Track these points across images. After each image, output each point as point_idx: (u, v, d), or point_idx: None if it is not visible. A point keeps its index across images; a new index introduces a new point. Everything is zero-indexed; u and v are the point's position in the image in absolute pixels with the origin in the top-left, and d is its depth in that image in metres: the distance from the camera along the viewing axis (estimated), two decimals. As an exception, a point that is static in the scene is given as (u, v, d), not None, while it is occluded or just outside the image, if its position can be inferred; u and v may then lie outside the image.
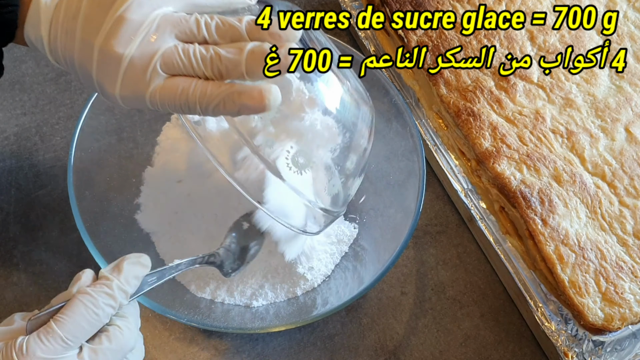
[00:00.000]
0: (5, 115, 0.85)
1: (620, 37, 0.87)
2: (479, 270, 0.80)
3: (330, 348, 0.74)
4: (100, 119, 0.74)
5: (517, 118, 0.80)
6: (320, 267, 0.74)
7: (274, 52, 0.49)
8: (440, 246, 0.81)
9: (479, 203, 0.79)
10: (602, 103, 0.82)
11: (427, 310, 0.77)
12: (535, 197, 0.74)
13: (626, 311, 0.70)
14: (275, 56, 0.50)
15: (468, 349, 0.75)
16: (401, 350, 0.74)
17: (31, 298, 0.73)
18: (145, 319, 0.73)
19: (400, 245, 0.67)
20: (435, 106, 0.84)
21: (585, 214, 0.75)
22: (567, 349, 0.70)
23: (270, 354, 0.73)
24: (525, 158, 0.77)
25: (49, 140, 0.84)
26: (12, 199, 0.79)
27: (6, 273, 0.75)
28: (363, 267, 0.74)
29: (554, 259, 0.71)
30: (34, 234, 0.77)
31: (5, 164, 0.82)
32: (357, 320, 0.76)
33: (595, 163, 0.78)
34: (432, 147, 0.84)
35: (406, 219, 0.71)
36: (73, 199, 0.66)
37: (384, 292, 0.78)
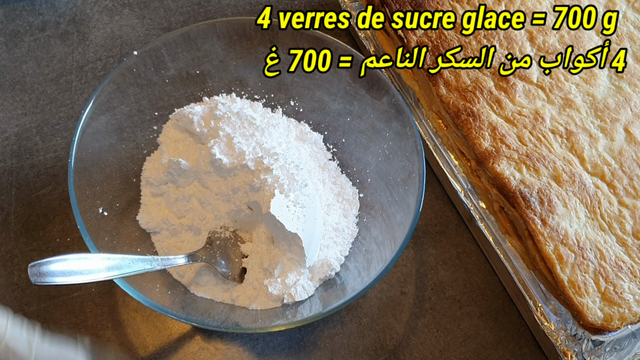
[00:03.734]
0: (6, 116, 0.85)
1: (619, 37, 0.87)
2: (479, 270, 0.80)
3: (330, 347, 0.74)
4: (100, 120, 0.74)
5: (516, 118, 0.80)
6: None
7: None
8: (440, 246, 0.81)
9: (479, 203, 0.79)
10: (602, 103, 0.82)
11: (427, 310, 0.77)
12: (534, 197, 0.75)
13: (625, 311, 0.70)
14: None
15: (468, 348, 0.75)
16: (401, 350, 0.75)
17: (31, 298, 0.73)
18: (146, 318, 0.73)
19: (400, 245, 0.67)
20: (435, 106, 0.85)
21: (584, 214, 0.75)
22: (567, 349, 0.70)
23: (270, 353, 0.73)
24: (524, 158, 0.77)
25: (49, 141, 0.84)
26: (12, 199, 0.80)
27: (7, 273, 0.75)
28: (363, 267, 0.74)
29: (553, 258, 0.72)
30: (34, 234, 0.77)
31: (6, 164, 0.82)
32: (357, 320, 0.76)
33: (595, 163, 0.78)
34: (431, 147, 0.84)
35: (406, 218, 0.71)
36: (74, 198, 0.67)
37: (384, 292, 0.78)
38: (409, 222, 0.70)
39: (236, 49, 0.82)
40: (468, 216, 0.80)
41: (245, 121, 0.75)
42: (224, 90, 0.84)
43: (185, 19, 0.97)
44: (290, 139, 0.81)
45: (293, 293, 0.71)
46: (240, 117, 0.76)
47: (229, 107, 0.77)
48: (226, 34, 0.81)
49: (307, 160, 0.81)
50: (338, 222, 0.77)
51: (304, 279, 0.72)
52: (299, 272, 0.72)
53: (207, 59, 0.82)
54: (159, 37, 0.82)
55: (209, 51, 0.82)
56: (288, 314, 0.70)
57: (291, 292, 0.71)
